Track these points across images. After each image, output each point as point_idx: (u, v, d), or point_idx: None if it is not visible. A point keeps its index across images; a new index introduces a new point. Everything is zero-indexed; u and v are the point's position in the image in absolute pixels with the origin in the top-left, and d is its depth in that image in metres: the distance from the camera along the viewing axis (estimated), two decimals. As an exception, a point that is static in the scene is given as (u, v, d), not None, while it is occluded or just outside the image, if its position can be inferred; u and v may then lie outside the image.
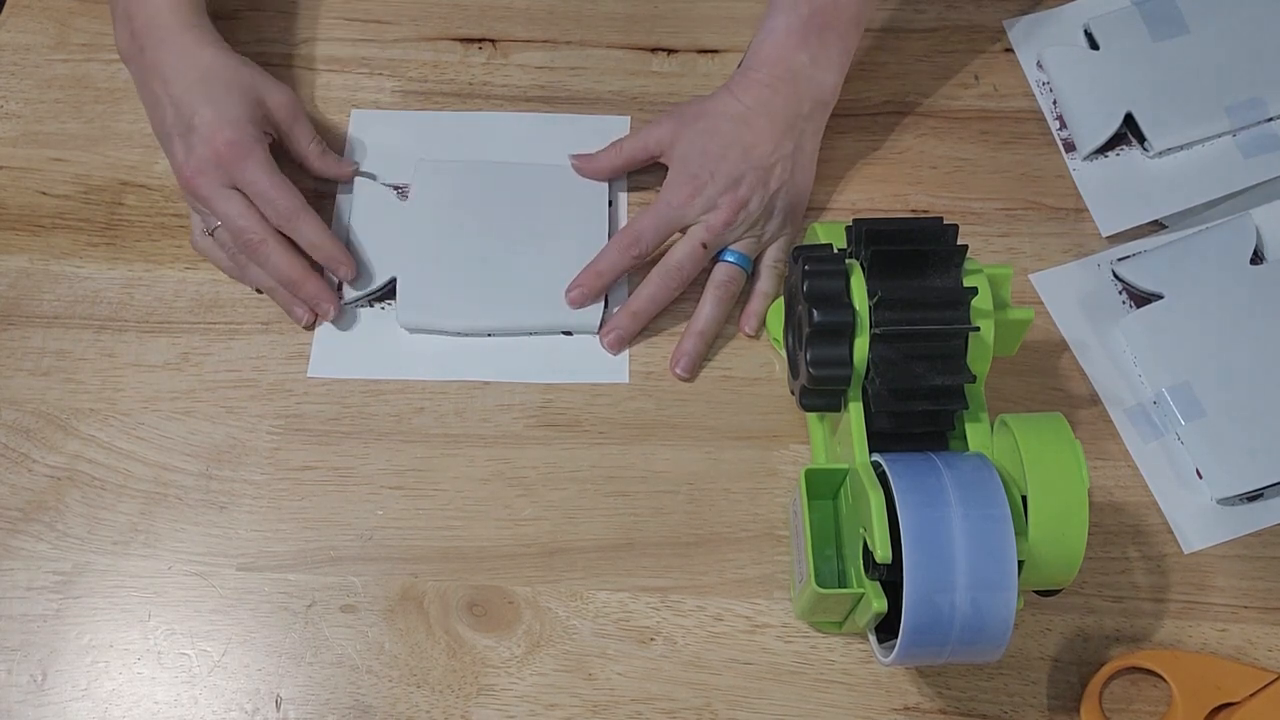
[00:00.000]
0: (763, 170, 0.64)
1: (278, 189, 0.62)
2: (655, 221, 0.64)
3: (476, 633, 0.57)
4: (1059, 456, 0.49)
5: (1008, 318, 0.54)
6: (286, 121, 0.66)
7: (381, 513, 0.60)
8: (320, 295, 0.64)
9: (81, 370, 0.64)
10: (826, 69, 0.65)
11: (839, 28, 0.65)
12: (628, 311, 0.64)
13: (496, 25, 0.76)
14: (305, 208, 0.63)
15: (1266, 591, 0.58)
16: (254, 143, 0.63)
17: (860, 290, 0.52)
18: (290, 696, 0.56)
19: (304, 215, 0.63)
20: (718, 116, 0.65)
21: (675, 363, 0.63)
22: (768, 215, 0.65)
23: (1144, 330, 0.64)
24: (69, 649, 0.57)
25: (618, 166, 0.68)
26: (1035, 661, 0.57)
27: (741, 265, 0.65)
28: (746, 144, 0.64)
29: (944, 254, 0.52)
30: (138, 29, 0.64)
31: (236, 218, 0.62)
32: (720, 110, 0.65)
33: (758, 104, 0.64)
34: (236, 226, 0.62)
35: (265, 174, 0.62)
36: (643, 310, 0.64)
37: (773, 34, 0.65)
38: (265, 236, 0.62)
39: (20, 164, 0.70)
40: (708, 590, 0.58)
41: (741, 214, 0.63)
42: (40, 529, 0.59)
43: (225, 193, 0.62)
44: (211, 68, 0.64)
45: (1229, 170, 0.68)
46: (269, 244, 0.62)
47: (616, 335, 0.64)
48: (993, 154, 0.71)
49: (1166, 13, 0.71)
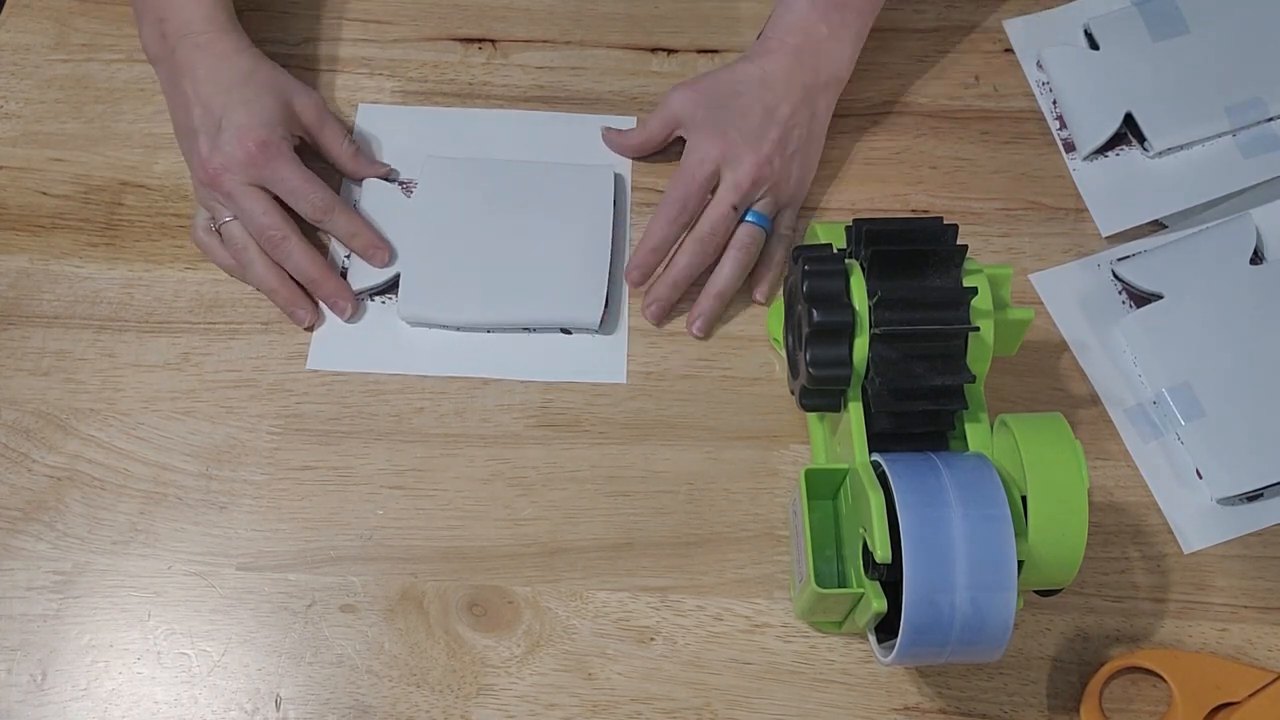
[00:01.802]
0: (783, 129, 0.65)
1: (311, 184, 0.64)
2: (689, 185, 0.65)
3: (476, 632, 0.57)
4: (1059, 457, 0.49)
5: (1008, 318, 0.54)
6: (315, 124, 0.67)
7: (381, 512, 0.60)
8: (339, 293, 0.64)
9: (81, 370, 0.64)
10: (843, 43, 0.67)
11: (856, 4, 0.67)
12: (666, 282, 0.65)
13: (496, 25, 0.76)
14: (339, 200, 0.65)
15: (1266, 591, 0.58)
16: (284, 143, 0.64)
17: (860, 290, 0.52)
18: (290, 696, 0.56)
19: (339, 207, 0.65)
20: (739, 80, 0.66)
21: (692, 323, 0.65)
22: (785, 178, 0.66)
23: (1144, 330, 0.64)
24: (69, 649, 0.57)
25: (646, 142, 0.69)
26: (1035, 661, 0.57)
27: (763, 226, 0.65)
28: (768, 104, 0.65)
29: (944, 254, 0.52)
30: (169, 31, 0.65)
31: (260, 214, 0.63)
32: (741, 75, 0.67)
33: (778, 69, 0.66)
34: (259, 223, 0.63)
35: (297, 171, 0.64)
36: (681, 279, 0.65)
37: (794, 6, 0.67)
38: (288, 233, 0.63)
39: (20, 164, 0.70)
40: (707, 590, 0.58)
41: (766, 170, 0.64)
42: (40, 529, 0.59)
43: (249, 189, 0.63)
44: (244, 71, 0.65)
45: (1229, 170, 0.68)
46: (291, 240, 0.63)
47: (658, 306, 0.65)
48: (993, 154, 0.71)
49: (1166, 13, 0.71)
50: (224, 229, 0.64)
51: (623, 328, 0.65)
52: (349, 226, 0.65)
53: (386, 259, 0.65)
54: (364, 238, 0.65)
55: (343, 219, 0.65)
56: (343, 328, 0.65)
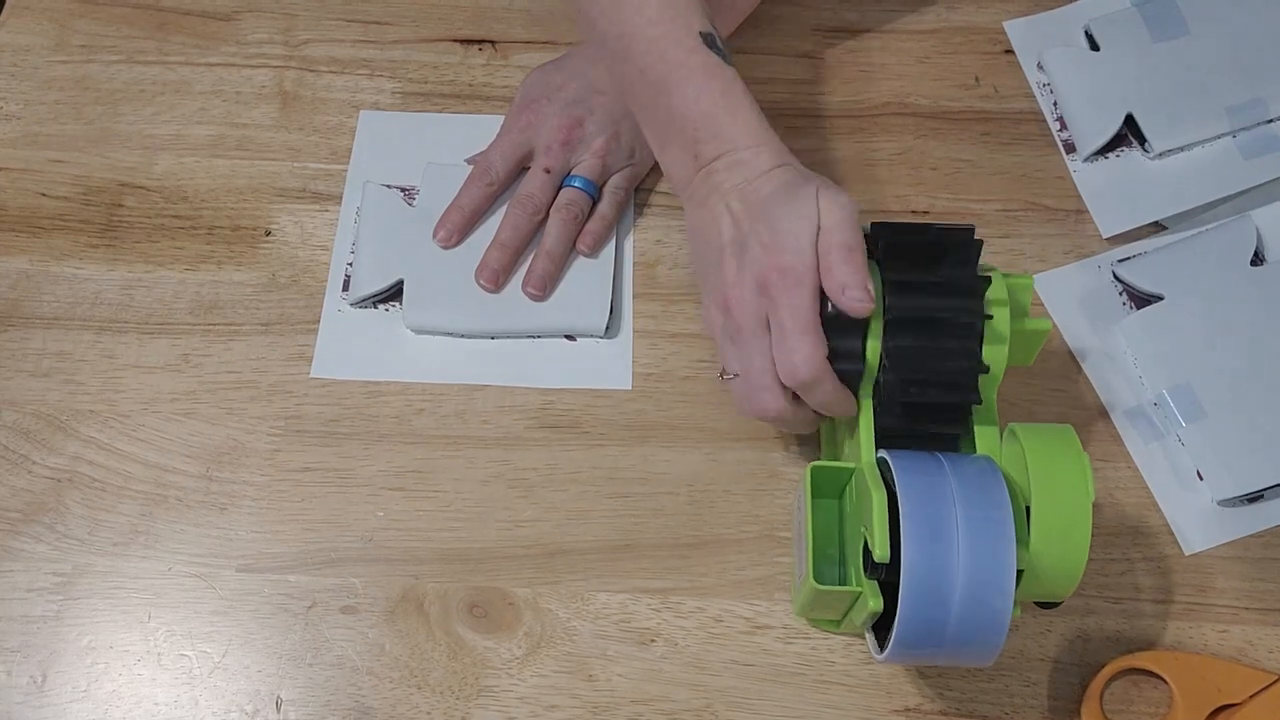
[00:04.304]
0: (604, 96, 0.66)
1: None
2: (501, 149, 0.67)
3: (477, 634, 0.57)
4: (1066, 468, 0.48)
5: (1025, 328, 0.54)
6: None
7: (382, 514, 0.60)
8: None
9: (81, 372, 0.64)
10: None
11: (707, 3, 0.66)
12: (495, 244, 0.65)
13: (496, 26, 0.76)
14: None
15: (1267, 593, 0.58)
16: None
17: (877, 288, 0.52)
18: (290, 698, 0.56)
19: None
20: (567, 56, 0.69)
21: (527, 282, 0.65)
22: (614, 141, 0.66)
23: (1144, 331, 0.64)
24: (69, 650, 0.57)
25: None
26: (1036, 663, 0.57)
27: (585, 190, 0.66)
28: (590, 78, 0.67)
29: (959, 245, 0.52)
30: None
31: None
32: (572, 52, 0.69)
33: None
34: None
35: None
36: (508, 241, 0.65)
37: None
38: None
39: (20, 165, 0.70)
40: (708, 592, 0.58)
41: (576, 133, 0.66)
42: (40, 530, 0.59)
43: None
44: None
45: (1229, 171, 0.68)
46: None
47: (490, 271, 0.65)
48: (993, 155, 0.71)
49: (1167, 14, 0.71)
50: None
51: (627, 332, 0.65)
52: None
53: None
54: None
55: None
56: (346, 336, 0.65)
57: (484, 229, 0.67)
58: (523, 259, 0.66)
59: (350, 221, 0.68)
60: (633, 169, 0.68)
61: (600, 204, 0.67)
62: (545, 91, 0.67)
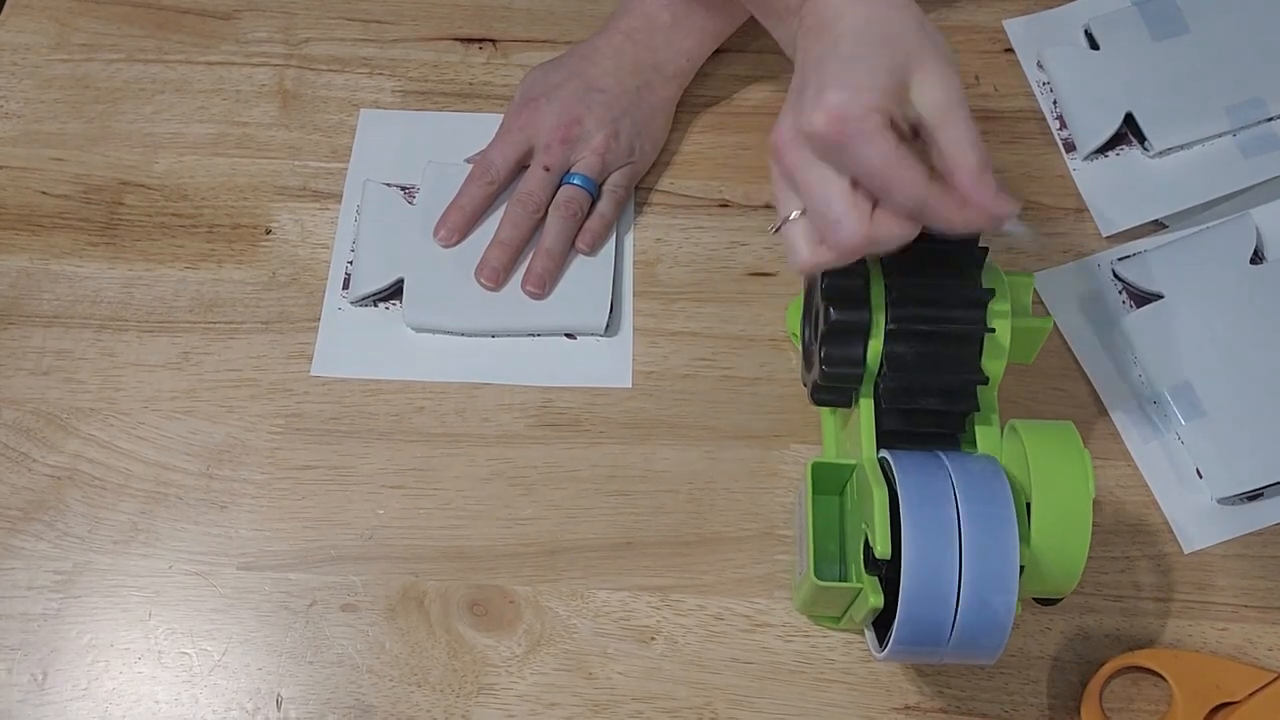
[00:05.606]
0: (603, 94, 0.67)
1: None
2: (501, 147, 0.67)
3: (477, 632, 0.57)
4: (1067, 465, 0.48)
5: (1025, 326, 0.54)
6: None
7: (382, 512, 0.60)
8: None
9: (82, 370, 0.64)
10: (686, 34, 0.69)
11: (707, 4, 0.68)
12: (495, 243, 0.66)
13: (496, 25, 0.76)
14: None
15: (1267, 591, 0.58)
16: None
17: (879, 291, 0.52)
18: (291, 696, 0.56)
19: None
20: (567, 55, 0.69)
21: (526, 281, 0.65)
22: (613, 139, 0.66)
23: (1144, 330, 0.64)
24: (69, 648, 0.57)
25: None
26: (1035, 661, 0.57)
27: (584, 187, 0.66)
28: (589, 76, 0.67)
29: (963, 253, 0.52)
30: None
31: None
32: (572, 51, 0.69)
33: (609, 46, 0.68)
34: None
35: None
36: (509, 239, 0.65)
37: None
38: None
39: (20, 164, 0.70)
40: (708, 589, 0.58)
41: (575, 129, 0.66)
42: (40, 528, 0.59)
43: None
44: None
45: (1229, 170, 0.68)
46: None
47: (490, 270, 0.65)
48: (993, 154, 0.70)
49: (1167, 13, 0.71)
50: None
51: (627, 330, 0.65)
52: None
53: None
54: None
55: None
56: (347, 334, 0.65)
57: (484, 228, 0.67)
58: (523, 257, 0.66)
59: (350, 220, 0.68)
60: (632, 167, 0.68)
61: (600, 202, 0.67)
62: (544, 90, 0.67)
